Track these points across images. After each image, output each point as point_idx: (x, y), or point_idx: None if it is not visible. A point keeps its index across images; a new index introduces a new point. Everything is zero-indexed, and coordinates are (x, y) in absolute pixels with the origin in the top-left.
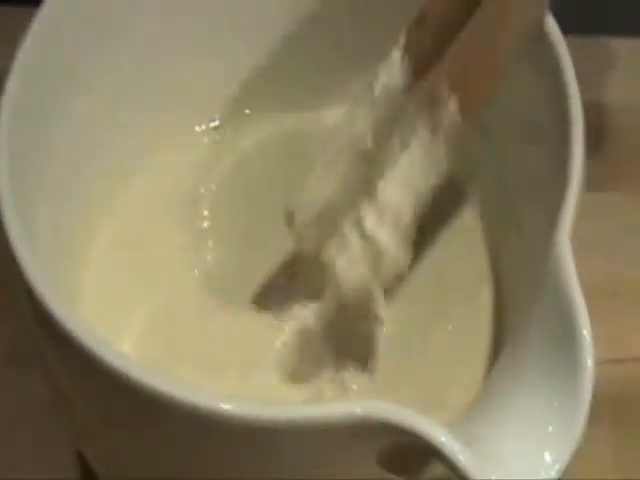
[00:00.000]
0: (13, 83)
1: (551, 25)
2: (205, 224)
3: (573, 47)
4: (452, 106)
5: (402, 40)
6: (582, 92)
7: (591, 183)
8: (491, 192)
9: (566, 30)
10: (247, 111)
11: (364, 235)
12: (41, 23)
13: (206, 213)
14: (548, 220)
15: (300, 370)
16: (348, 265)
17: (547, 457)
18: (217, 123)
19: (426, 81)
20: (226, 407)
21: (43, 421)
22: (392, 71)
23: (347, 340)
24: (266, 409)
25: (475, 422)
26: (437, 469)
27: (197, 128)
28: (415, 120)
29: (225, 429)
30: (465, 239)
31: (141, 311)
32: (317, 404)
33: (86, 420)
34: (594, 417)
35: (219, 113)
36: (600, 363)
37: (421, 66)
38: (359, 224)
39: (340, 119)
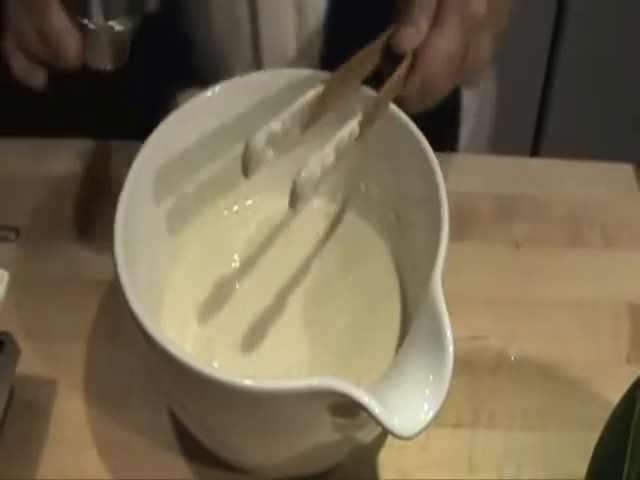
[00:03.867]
0: (126, 190)
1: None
2: (237, 265)
3: None
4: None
5: None
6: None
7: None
8: (399, 247)
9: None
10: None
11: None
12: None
13: (236, 257)
14: (430, 262)
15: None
16: None
17: (425, 407)
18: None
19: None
20: (238, 380)
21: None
22: None
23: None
24: (264, 382)
25: (384, 387)
26: (363, 415)
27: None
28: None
29: (235, 393)
30: (385, 274)
31: (196, 311)
32: (292, 379)
33: (164, 384)
34: (454, 375)
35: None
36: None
37: None
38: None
39: None
